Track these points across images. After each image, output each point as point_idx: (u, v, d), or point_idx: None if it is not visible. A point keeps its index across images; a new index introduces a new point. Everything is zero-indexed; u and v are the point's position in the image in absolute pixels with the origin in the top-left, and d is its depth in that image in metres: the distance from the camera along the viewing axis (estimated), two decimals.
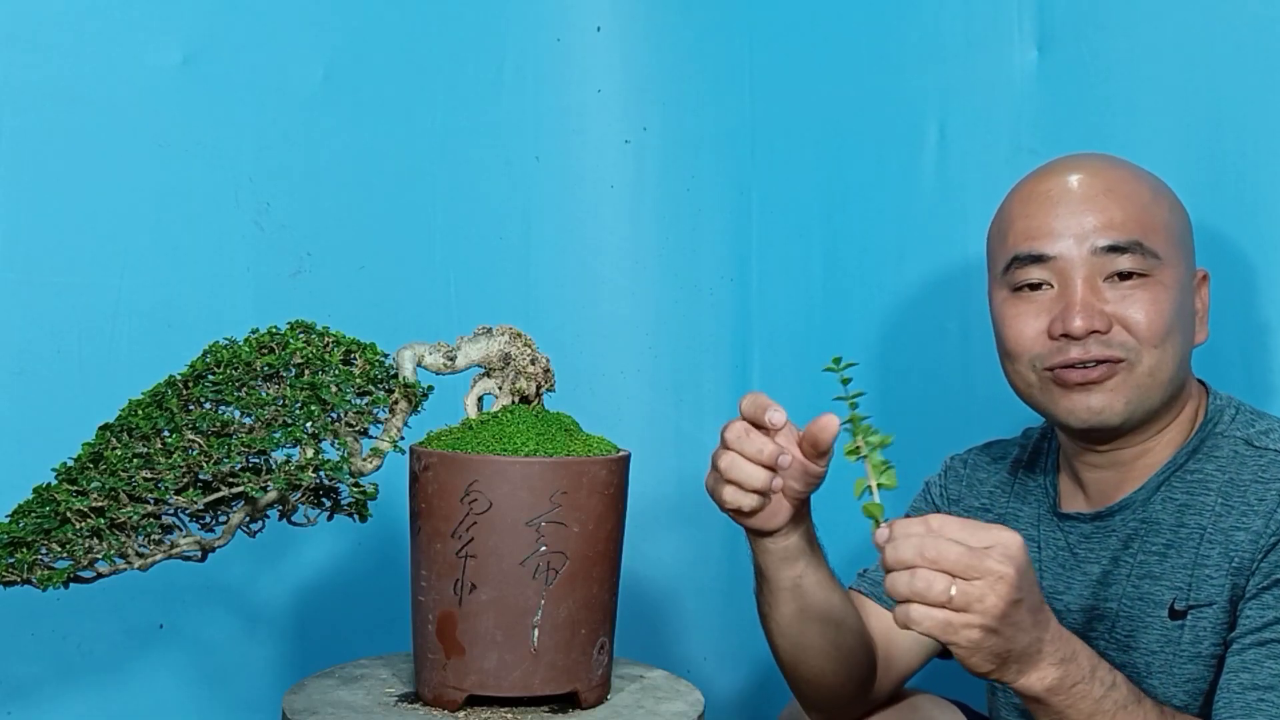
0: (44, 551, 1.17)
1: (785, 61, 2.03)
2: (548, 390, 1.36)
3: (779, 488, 1.25)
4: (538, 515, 1.24)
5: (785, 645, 1.39)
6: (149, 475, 1.17)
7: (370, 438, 1.25)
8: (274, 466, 1.20)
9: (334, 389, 1.21)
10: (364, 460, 1.23)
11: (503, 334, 1.33)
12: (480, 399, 1.35)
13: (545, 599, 1.25)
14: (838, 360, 1.18)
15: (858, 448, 1.17)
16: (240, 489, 1.20)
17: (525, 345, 1.34)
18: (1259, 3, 1.62)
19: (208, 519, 1.24)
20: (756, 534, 1.31)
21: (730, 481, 1.25)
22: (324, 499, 1.28)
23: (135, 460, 1.18)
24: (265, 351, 1.24)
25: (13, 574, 1.17)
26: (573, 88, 2.05)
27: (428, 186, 1.97)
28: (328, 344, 1.25)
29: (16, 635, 1.76)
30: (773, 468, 1.23)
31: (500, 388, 1.33)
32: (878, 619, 1.47)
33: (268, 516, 1.25)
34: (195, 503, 1.19)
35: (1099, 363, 1.32)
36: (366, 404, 1.24)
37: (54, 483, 1.20)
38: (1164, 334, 1.32)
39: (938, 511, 1.51)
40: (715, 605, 2.07)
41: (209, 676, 1.85)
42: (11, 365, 1.75)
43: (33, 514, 1.18)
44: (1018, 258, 1.36)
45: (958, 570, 1.08)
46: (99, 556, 1.17)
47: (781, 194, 2.05)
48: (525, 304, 2.01)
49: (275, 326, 1.27)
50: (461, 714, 1.27)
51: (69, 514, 1.16)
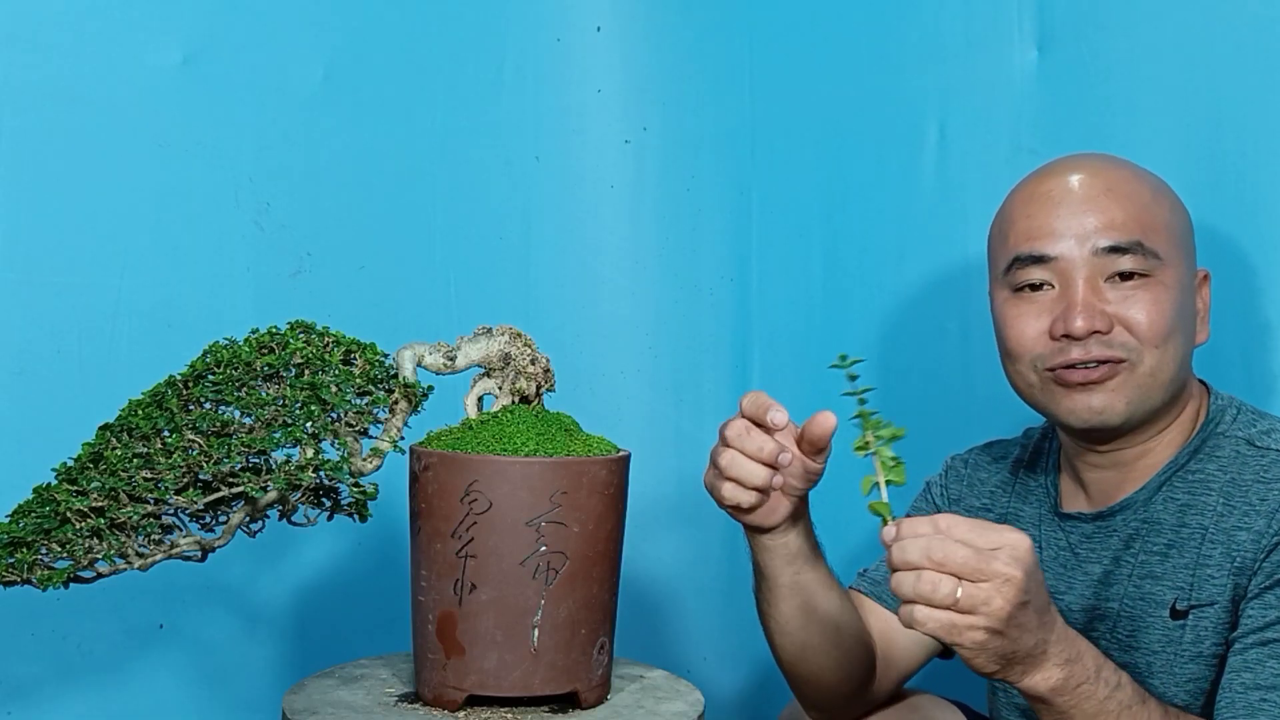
0: (44, 551, 1.17)
1: (785, 61, 2.03)
2: (548, 390, 1.36)
3: (779, 485, 1.25)
4: (538, 515, 1.24)
5: (784, 643, 1.39)
6: (149, 475, 1.17)
7: (370, 438, 1.25)
8: (274, 466, 1.20)
9: (334, 389, 1.21)
10: (364, 460, 1.23)
11: (503, 334, 1.33)
12: (480, 399, 1.34)
13: (545, 599, 1.25)
14: (844, 357, 1.18)
15: (867, 443, 1.16)
16: (240, 489, 1.20)
17: (525, 345, 1.34)
18: (1259, 3, 1.62)
19: (208, 519, 1.24)
20: (755, 531, 1.32)
21: (730, 479, 1.25)
22: (324, 499, 1.28)
23: (135, 460, 1.18)
24: (265, 351, 1.23)
25: (13, 574, 1.17)
26: (573, 88, 2.05)
27: (428, 186, 1.97)
28: (328, 344, 1.25)
29: (16, 635, 1.76)
30: (773, 465, 1.23)
31: (500, 388, 1.33)
32: (877, 618, 1.47)
33: (268, 516, 1.25)
34: (195, 503, 1.19)
35: (1100, 363, 1.32)
36: (366, 404, 1.24)
37: (54, 483, 1.20)
38: (1165, 334, 1.32)
39: (938, 511, 1.51)
40: (715, 605, 2.07)
41: (209, 676, 1.85)
42: (11, 365, 1.75)
43: (33, 514, 1.18)
44: (1019, 258, 1.36)
45: (964, 573, 1.07)
46: (99, 556, 1.17)
47: (781, 194, 2.05)
48: (525, 304, 2.01)
49: (275, 326, 1.26)
50: (461, 714, 1.27)
51: (69, 514, 1.16)
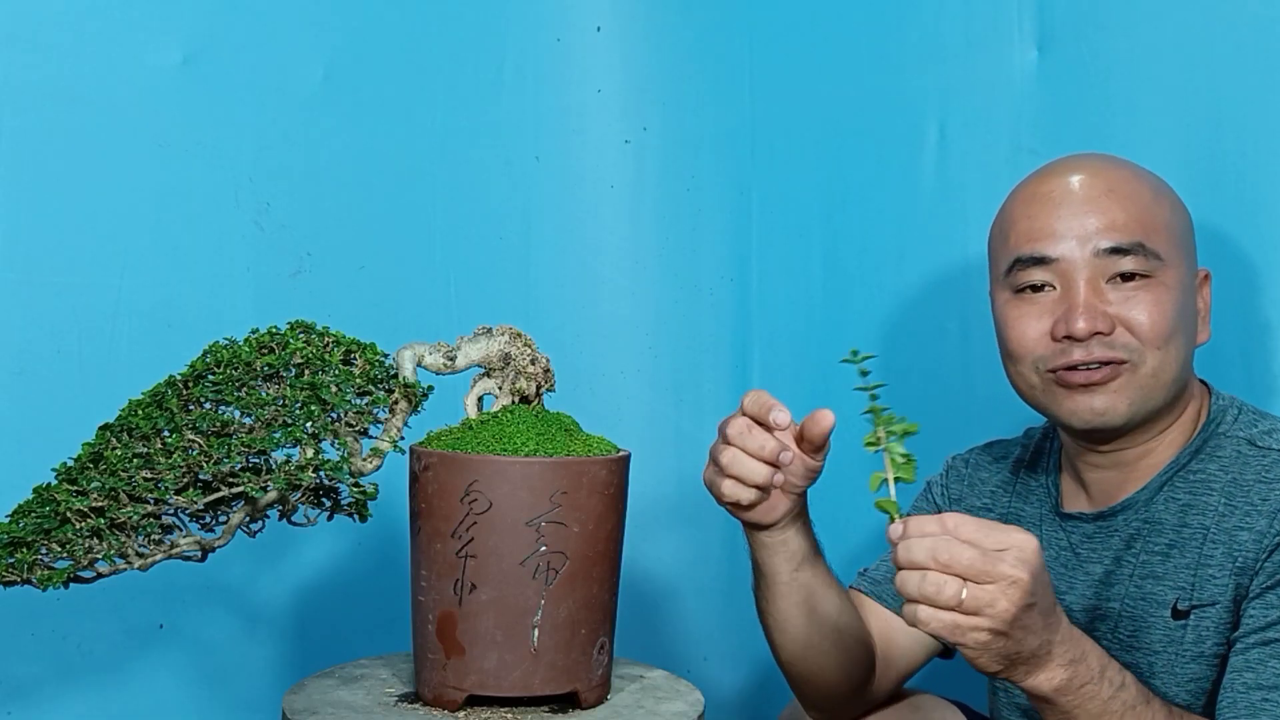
0: (44, 551, 1.17)
1: (785, 61, 2.03)
2: (548, 390, 1.35)
3: (779, 483, 1.25)
4: (538, 515, 1.24)
5: (784, 642, 1.39)
6: (149, 475, 1.17)
7: (370, 438, 1.25)
8: (274, 466, 1.20)
9: (334, 389, 1.21)
10: (364, 460, 1.23)
11: (503, 334, 1.33)
12: (480, 399, 1.34)
13: (545, 599, 1.25)
14: (855, 352, 1.18)
15: (878, 439, 1.16)
16: (240, 489, 1.20)
17: (525, 345, 1.34)
18: (1259, 3, 1.62)
19: (208, 519, 1.24)
20: (754, 528, 1.32)
21: (731, 476, 1.25)
22: (324, 499, 1.28)
23: (135, 460, 1.18)
24: (265, 351, 1.23)
25: (13, 574, 1.17)
26: (573, 88, 2.05)
27: (428, 186, 1.97)
28: (328, 344, 1.25)
29: (16, 635, 1.76)
30: (775, 464, 1.23)
31: (500, 388, 1.33)
32: (877, 618, 1.47)
33: (268, 516, 1.25)
34: (195, 503, 1.19)
35: (1102, 364, 1.31)
36: (366, 404, 1.24)
37: (54, 483, 1.20)
38: (1167, 335, 1.32)
39: (939, 512, 1.51)
40: (715, 605, 2.07)
41: (209, 676, 1.85)
42: (11, 365, 1.75)
43: (33, 514, 1.18)
44: (1020, 260, 1.36)
45: (970, 574, 1.07)
46: (99, 556, 1.17)
47: (781, 194, 2.05)
48: (525, 304, 2.01)
49: (275, 326, 1.26)
50: (461, 714, 1.27)
51: (69, 514, 1.16)
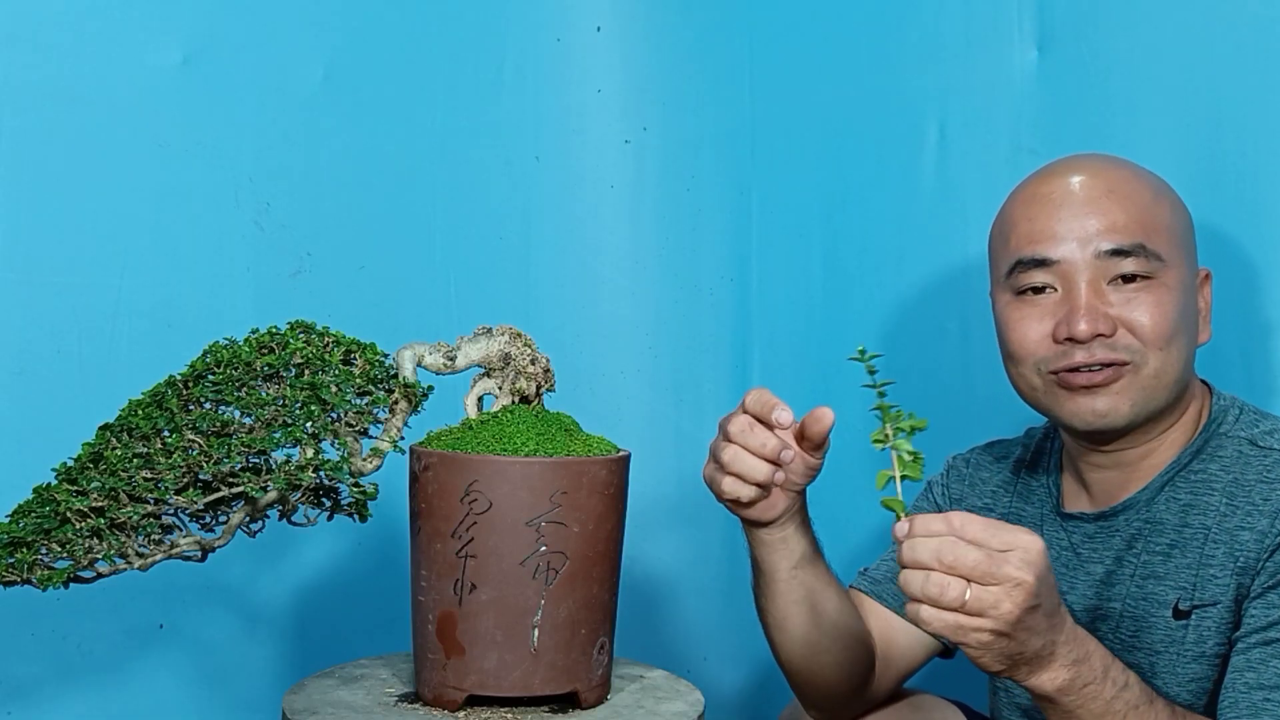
0: (44, 551, 1.17)
1: (785, 61, 2.03)
2: (548, 390, 1.35)
3: (780, 481, 1.25)
4: (538, 515, 1.24)
5: (783, 640, 1.39)
6: (149, 475, 1.17)
7: (370, 438, 1.25)
8: (274, 466, 1.20)
9: (334, 389, 1.21)
10: (364, 460, 1.23)
11: (503, 334, 1.33)
12: (480, 399, 1.34)
13: (545, 599, 1.25)
14: (862, 350, 1.18)
15: (886, 436, 1.16)
16: (240, 489, 1.20)
17: (525, 345, 1.33)
18: (1259, 3, 1.62)
19: (208, 519, 1.24)
20: (753, 525, 1.32)
21: (732, 474, 1.25)
22: (324, 499, 1.28)
23: (135, 460, 1.17)
24: (265, 351, 1.23)
25: (13, 574, 1.17)
26: (573, 88, 2.05)
27: (428, 186, 1.97)
28: (328, 344, 1.25)
29: (16, 635, 1.76)
30: (776, 462, 1.23)
31: (500, 388, 1.33)
32: (877, 617, 1.47)
33: (268, 516, 1.25)
34: (195, 503, 1.19)
35: (1104, 366, 1.31)
36: (366, 404, 1.24)
37: (54, 483, 1.20)
38: (1169, 336, 1.32)
39: (939, 512, 1.51)
40: (715, 605, 2.07)
41: (209, 676, 1.85)
42: (11, 365, 1.75)
43: (33, 514, 1.18)
44: (1021, 261, 1.36)
45: (975, 575, 1.07)
46: (99, 556, 1.17)
47: (781, 194, 2.05)
48: (525, 304, 2.01)
49: (275, 326, 1.26)
50: (461, 714, 1.27)
51: (69, 514, 1.16)
